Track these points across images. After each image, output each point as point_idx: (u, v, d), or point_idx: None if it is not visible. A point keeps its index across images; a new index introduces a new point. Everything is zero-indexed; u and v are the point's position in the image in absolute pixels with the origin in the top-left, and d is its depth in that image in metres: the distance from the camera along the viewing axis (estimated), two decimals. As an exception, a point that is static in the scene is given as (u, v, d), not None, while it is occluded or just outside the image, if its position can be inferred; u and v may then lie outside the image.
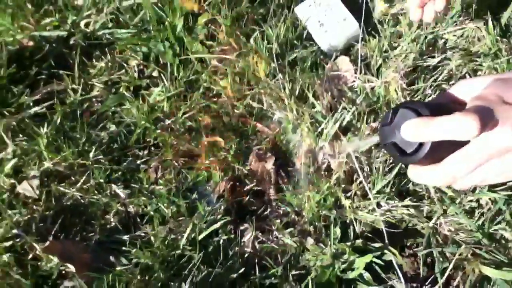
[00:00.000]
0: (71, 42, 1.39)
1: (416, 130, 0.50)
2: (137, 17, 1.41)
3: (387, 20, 1.30)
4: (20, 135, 1.19)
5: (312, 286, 0.93)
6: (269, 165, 1.13)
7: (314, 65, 1.26)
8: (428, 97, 1.14)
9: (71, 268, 0.96)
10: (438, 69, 1.21)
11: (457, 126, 0.47)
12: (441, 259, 0.96)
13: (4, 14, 1.39)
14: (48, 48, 1.37)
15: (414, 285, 0.95)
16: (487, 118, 0.47)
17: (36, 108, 1.25)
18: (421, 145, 0.51)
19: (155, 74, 1.34)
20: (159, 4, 1.38)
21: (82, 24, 1.41)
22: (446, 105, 0.55)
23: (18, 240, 1.02)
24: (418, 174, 0.54)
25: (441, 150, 0.51)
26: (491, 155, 0.49)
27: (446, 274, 0.92)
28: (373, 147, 1.09)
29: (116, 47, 1.38)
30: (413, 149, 0.52)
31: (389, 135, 0.55)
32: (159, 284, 0.95)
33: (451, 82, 1.20)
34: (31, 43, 1.39)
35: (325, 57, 1.30)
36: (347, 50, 1.31)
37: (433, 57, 1.23)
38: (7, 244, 1.02)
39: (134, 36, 1.37)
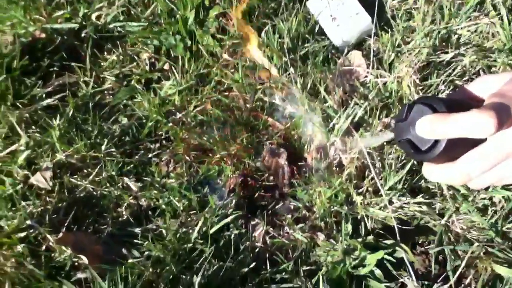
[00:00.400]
0: (83, 34, 1.40)
1: (431, 127, 0.50)
2: (148, 10, 1.41)
3: (400, 15, 1.28)
4: (33, 127, 1.21)
5: (323, 282, 0.93)
6: (282, 160, 1.13)
7: (326, 59, 1.26)
8: (441, 93, 1.13)
9: (84, 259, 0.97)
10: (452, 65, 1.20)
11: (474, 123, 0.46)
12: (453, 257, 0.96)
13: (17, 6, 1.40)
14: (60, 40, 1.38)
15: (426, 283, 0.95)
16: (504, 116, 0.46)
17: (49, 100, 1.26)
18: (436, 142, 0.50)
19: (166, 67, 1.34)
20: (171, -3, 1.39)
21: (93, 16, 1.41)
22: (463, 102, 0.54)
23: (32, 231, 1.03)
24: (433, 172, 0.53)
25: (456, 148, 0.50)
26: (508, 154, 0.48)
27: (458, 272, 0.92)
28: (385, 143, 1.09)
29: (127, 40, 1.39)
30: (428, 146, 0.51)
31: (404, 132, 0.54)
32: (171, 276, 0.96)
33: (464, 78, 1.19)
34: (43, 35, 1.39)
35: (337, 52, 1.29)
36: (359, 44, 1.30)
37: (447, 52, 1.22)
38: (21, 235, 1.03)
39: (145, 29, 1.37)
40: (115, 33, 1.40)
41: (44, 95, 1.28)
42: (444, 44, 1.26)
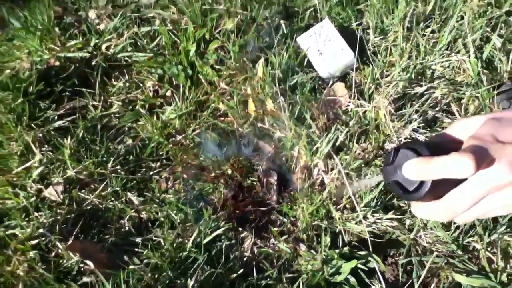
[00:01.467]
0: (93, 63, 1.54)
1: (417, 170, 0.53)
2: (153, 42, 1.56)
3: (380, 51, 1.42)
4: (46, 146, 1.33)
5: (303, 287, 1.04)
6: (273, 179, 1.25)
7: (313, 89, 1.39)
8: (414, 121, 1.26)
9: (90, 265, 1.08)
10: (425, 97, 1.33)
11: (454, 165, 0.49)
12: (419, 267, 1.07)
13: (34, 36, 1.54)
14: (72, 68, 1.52)
15: (394, 289, 1.06)
16: (482, 157, 0.49)
17: (60, 122, 1.39)
18: (422, 183, 0.53)
19: (168, 94, 1.48)
20: (174, 31, 1.53)
21: (103, 47, 1.56)
22: (444, 145, 0.58)
23: (43, 239, 1.14)
24: (421, 210, 0.56)
25: (441, 187, 0.53)
26: (488, 191, 0.50)
27: (420, 279, 1.02)
28: (362, 165, 1.21)
29: (133, 69, 1.53)
30: (414, 187, 0.54)
31: (392, 174, 0.57)
32: (167, 281, 1.06)
33: (436, 109, 1.32)
34: (57, 63, 1.53)
35: (323, 83, 1.43)
36: (344, 77, 1.44)
37: (421, 85, 1.35)
38: (33, 242, 1.14)
39: (150, 59, 1.51)
40: (123, 62, 1.54)
41: (56, 117, 1.41)
42: (419, 77, 1.39)
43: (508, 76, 1.34)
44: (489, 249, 1.07)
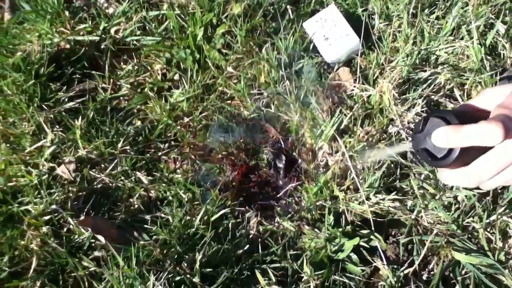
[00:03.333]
0: (102, 46, 1.57)
1: (446, 137, 0.55)
2: (162, 26, 1.58)
3: (385, 37, 1.44)
4: (57, 126, 1.36)
5: (306, 264, 1.07)
6: (279, 161, 1.28)
7: (318, 74, 1.41)
8: (417, 106, 1.28)
9: (101, 239, 1.12)
10: (428, 82, 1.35)
11: (483, 133, 0.51)
12: (420, 246, 1.10)
13: (44, 20, 1.57)
14: (82, 51, 1.54)
15: (395, 266, 1.09)
16: (510, 126, 0.51)
17: (71, 103, 1.42)
18: (450, 150, 0.56)
19: (176, 77, 1.50)
20: (182, 15, 1.55)
21: (112, 30, 1.58)
22: (471, 114, 0.59)
23: (55, 214, 1.18)
24: (448, 177, 0.59)
25: (468, 155, 0.55)
26: None
27: (421, 256, 1.06)
28: (366, 148, 1.24)
29: (142, 52, 1.55)
30: (443, 154, 0.56)
31: (421, 142, 0.59)
32: (175, 256, 1.10)
33: (439, 94, 1.34)
34: (67, 46, 1.56)
35: (328, 68, 1.45)
36: (349, 62, 1.46)
37: (425, 71, 1.37)
38: (46, 218, 1.18)
39: (158, 43, 1.53)
40: (131, 46, 1.56)
41: (67, 99, 1.44)
42: (423, 63, 1.41)
43: (511, 62, 1.36)
44: (488, 229, 1.10)
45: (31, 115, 1.35)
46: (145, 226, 1.18)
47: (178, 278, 1.04)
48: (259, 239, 1.15)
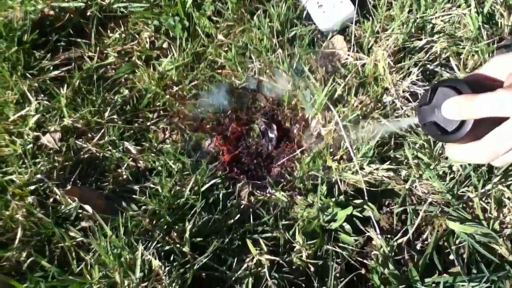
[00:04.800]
0: (88, 13, 1.50)
1: (458, 108, 0.50)
2: (150, -8, 1.52)
3: (380, 4, 1.40)
4: (42, 95, 1.31)
5: (298, 234, 1.06)
6: (270, 131, 1.26)
7: (312, 42, 1.38)
8: (413, 74, 1.25)
9: (89, 209, 1.09)
10: (424, 50, 1.32)
11: (500, 102, 0.46)
12: (414, 216, 1.09)
13: (27, -16, 1.50)
14: (67, 17, 1.48)
15: (389, 236, 1.08)
16: None
17: (56, 72, 1.37)
18: (462, 123, 0.51)
19: (165, 46, 1.46)
20: (171, -19, 1.50)
21: (98, -3, 1.52)
22: (483, 83, 0.55)
23: (41, 184, 1.14)
24: (459, 152, 0.53)
25: (481, 127, 0.50)
26: None
27: (415, 226, 1.04)
28: (360, 118, 1.21)
29: (129, 20, 1.50)
30: (454, 128, 0.51)
31: (429, 115, 0.55)
32: (165, 226, 1.07)
33: (435, 63, 1.31)
34: (51, 12, 1.50)
35: (322, 36, 1.41)
36: (343, 30, 1.42)
37: (420, 39, 1.34)
38: (32, 188, 1.14)
39: (146, 10, 1.48)
40: (118, 13, 1.50)
41: (51, 67, 1.39)
42: (419, 32, 1.38)
43: (508, 30, 1.33)
44: (483, 198, 1.09)
45: (14, 83, 1.30)
46: (134, 196, 1.15)
47: (167, 247, 1.02)
48: (251, 209, 1.13)
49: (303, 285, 1.02)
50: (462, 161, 0.58)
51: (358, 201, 1.11)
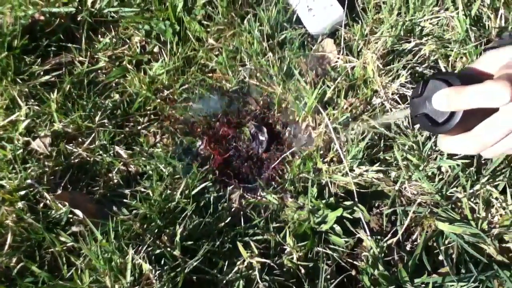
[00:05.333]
0: (79, 18, 1.51)
1: (448, 99, 0.51)
2: (140, -3, 1.53)
3: (369, 8, 1.42)
4: (32, 100, 1.31)
5: (289, 236, 1.06)
6: (261, 134, 1.26)
7: (302, 46, 1.38)
8: (402, 77, 1.26)
9: (79, 214, 1.09)
10: (413, 53, 1.33)
11: (489, 93, 0.47)
12: (404, 216, 1.09)
13: (17, -10, 1.50)
14: (57, 23, 1.48)
15: (379, 237, 1.08)
16: None
17: (47, 77, 1.37)
18: (452, 114, 0.52)
19: (156, 50, 1.46)
20: (161, -14, 1.50)
21: (89, 2, 1.52)
22: (474, 77, 0.56)
23: (31, 189, 1.14)
24: (449, 143, 0.55)
25: (471, 119, 0.52)
26: None
27: (404, 226, 1.05)
28: (350, 120, 1.22)
29: (120, 25, 1.50)
30: (444, 119, 0.53)
31: (420, 107, 0.56)
32: (156, 230, 1.07)
33: (424, 65, 1.32)
34: (42, 18, 1.50)
35: (311, 39, 1.42)
36: (333, 34, 1.43)
37: (409, 42, 1.35)
38: (22, 193, 1.14)
39: (137, 15, 1.48)
40: (109, 18, 1.50)
41: (42, 72, 1.39)
42: (408, 34, 1.39)
43: (495, 33, 1.35)
44: (471, 199, 1.10)
45: (4, 88, 1.30)
46: (125, 200, 1.15)
47: (158, 251, 1.02)
48: (241, 212, 1.13)
49: (294, 287, 1.02)
50: (452, 151, 0.56)
51: (348, 203, 1.12)
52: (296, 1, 1.42)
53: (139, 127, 1.30)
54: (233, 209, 1.15)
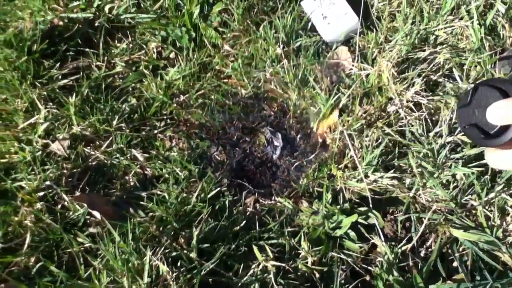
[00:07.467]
0: (96, 24, 1.54)
1: (506, 112, 0.45)
2: (157, 3, 1.55)
3: (384, 16, 1.43)
4: (51, 104, 1.33)
5: (304, 240, 1.07)
6: (276, 139, 1.27)
7: (316, 53, 1.39)
8: (416, 85, 1.27)
9: (97, 215, 1.10)
10: (427, 61, 1.34)
11: None
12: (418, 223, 1.10)
13: (36, -4, 1.53)
14: (75, 28, 1.51)
15: (393, 243, 1.09)
16: None
17: (65, 81, 1.40)
18: (506, 125, 0.47)
19: (172, 56, 1.48)
20: (178, -7, 1.53)
21: (106, 8, 1.55)
22: None
23: (50, 191, 1.16)
24: (500, 158, 0.48)
25: None
26: None
27: (419, 233, 1.06)
28: (364, 127, 1.23)
29: (137, 30, 1.53)
30: (496, 130, 0.47)
31: (469, 117, 0.51)
32: (172, 233, 1.09)
33: (438, 74, 1.33)
34: (60, 23, 1.53)
35: (326, 47, 1.43)
36: (347, 41, 1.45)
37: (424, 50, 1.36)
38: (40, 194, 1.16)
39: (154, 21, 1.51)
40: (126, 24, 1.53)
41: (60, 76, 1.41)
42: (422, 43, 1.40)
43: (510, 42, 1.35)
44: (486, 207, 1.10)
45: (23, 92, 1.33)
46: (141, 203, 1.16)
47: (174, 253, 1.03)
48: (256, 216, 1.14)
49: (309, 291, 1.03)
50: (503, 168, 0.50)
51: (362, 209, 1.12)
52: (311, 9, 1.44)
53: (155, 131, 1.32)
54: (248, 213, 1.16)
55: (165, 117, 1.35)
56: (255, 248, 1.05)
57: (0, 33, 1.46)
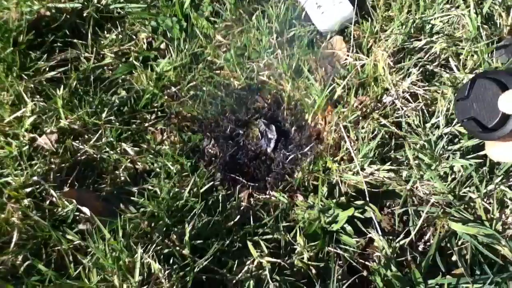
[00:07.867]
0: (85, 14, 1.49)
1: None
2: (147, -7, 1.51)
3: (379, 5, 1.40)
4: (38, 96, 1.29)
5: (300, 235, 1.04)
6: (270, 132, 1.24)
7: (311, 43, 1.37)
8: (412, 75, 1.24)
9: (86, 211, 1.07)
10: (423, 51, 1.32)
11: None
12: (415, 217, 1.08)
13: (22, -15, 1.48)
14: (63, 18, 1.46)
15: (391, 237, 1.06)
16: None
17: (52, 73, 1.35)
18: (505, 119, 0.47)
19: (162, 46, 1.44)
20: (168, -18, 1.48)
21: (95, -3, 1.51)
22: None
23: (37, 186, 1.13)
24: (501, 151, 0.49)
25: None
26: None
27: (417, 227, 1.03)
28: (360, 118, 1.20)
29: (126, 21, 1.48)
30: (494, 123, 0.48)
31: (467, 110, 0.51)
32: (164, 229, 1.06)
33: (434, 63, 1.31)
34: (47, 13, 1.48)
35: (321, 37, 1.40)
36: (342, 31, 1.41)
37: (420, 40, 1.33)
38: (28, 190, 1.12)
39: (144, 11, 1.47)
40: (115, 14, 1.49)
41: (48, 68, 1.37)
42: (418, 32, 1.37)
43: (507, 31, 1.33)
44: (485, 199, 1.08)
45: (10, 84, 1.28)
46: (132, 198, 1.13)
47: (166, 250, 1.01)
48: (251, 211, 1.11)
49: (305, 287, 1.00)
50: (504, 160, 0.50)
51: (359, 202, 1.10)
52: (305, -2, 1.41)
53: (146, 124, 1.28)
54: (242, 208, 1.13)
55: (156, 109, 1.31)
56: (249, 244, 1.02)
57: (-16, 24, 1.42)
